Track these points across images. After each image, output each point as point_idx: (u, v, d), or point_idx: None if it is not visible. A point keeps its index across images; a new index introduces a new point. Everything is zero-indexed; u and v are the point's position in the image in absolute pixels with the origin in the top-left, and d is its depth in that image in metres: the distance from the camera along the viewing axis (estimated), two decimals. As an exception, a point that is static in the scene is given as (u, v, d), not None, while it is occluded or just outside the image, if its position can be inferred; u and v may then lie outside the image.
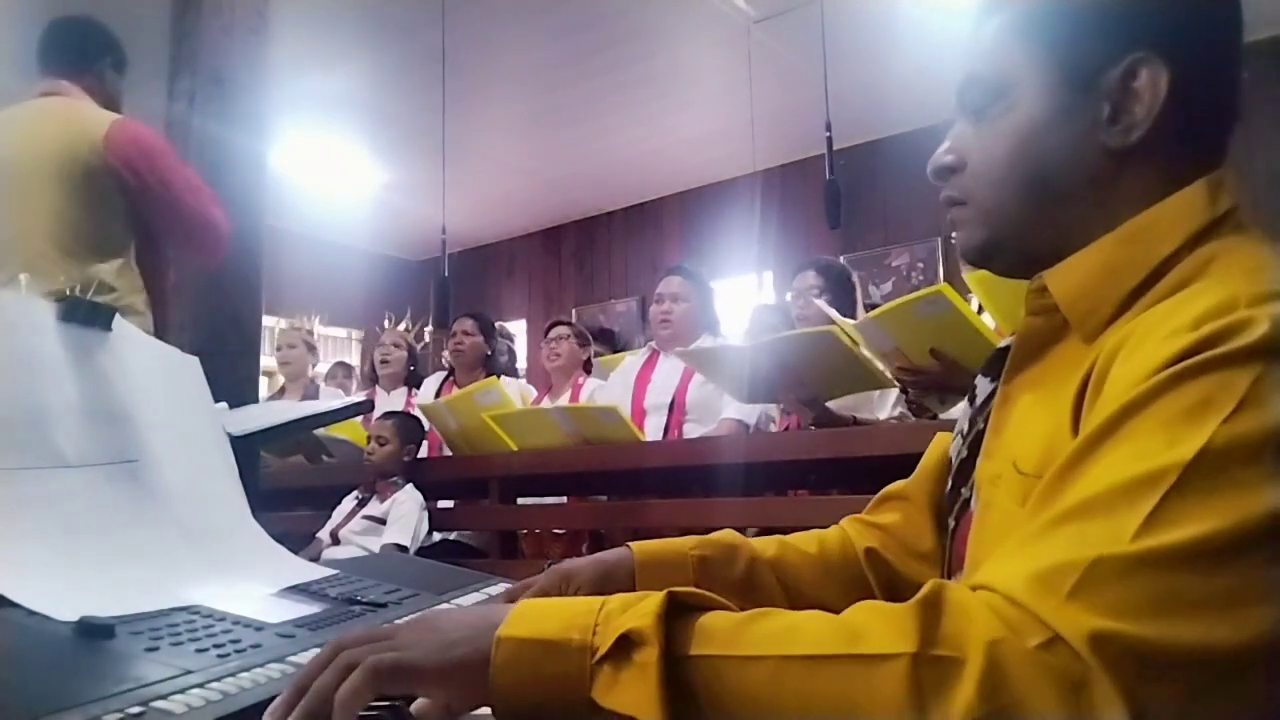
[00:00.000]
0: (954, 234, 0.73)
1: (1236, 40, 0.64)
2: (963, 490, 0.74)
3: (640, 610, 0.49)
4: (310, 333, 3.91)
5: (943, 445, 0.86)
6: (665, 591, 0.50)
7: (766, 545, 0.85)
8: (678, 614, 0.50)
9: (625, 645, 0.48)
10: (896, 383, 2.18)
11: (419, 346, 3.95)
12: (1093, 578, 0.44)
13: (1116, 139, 0.62)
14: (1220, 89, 0.64)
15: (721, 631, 0.49)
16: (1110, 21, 0.62)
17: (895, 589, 0.84)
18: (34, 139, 2.05)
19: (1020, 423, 0.66)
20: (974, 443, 0.74)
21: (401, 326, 3.90)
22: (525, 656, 0.50)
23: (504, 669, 0.50)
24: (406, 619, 0.55)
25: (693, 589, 0.52)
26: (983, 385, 0.77)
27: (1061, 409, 0.59)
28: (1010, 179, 0.66)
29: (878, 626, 0.46)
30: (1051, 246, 0.66)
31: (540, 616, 0.52)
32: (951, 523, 0.76)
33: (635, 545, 0.82)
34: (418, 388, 3.62)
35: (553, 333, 3.37)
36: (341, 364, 5.19)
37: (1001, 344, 0.78)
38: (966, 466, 0.75)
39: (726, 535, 0.85)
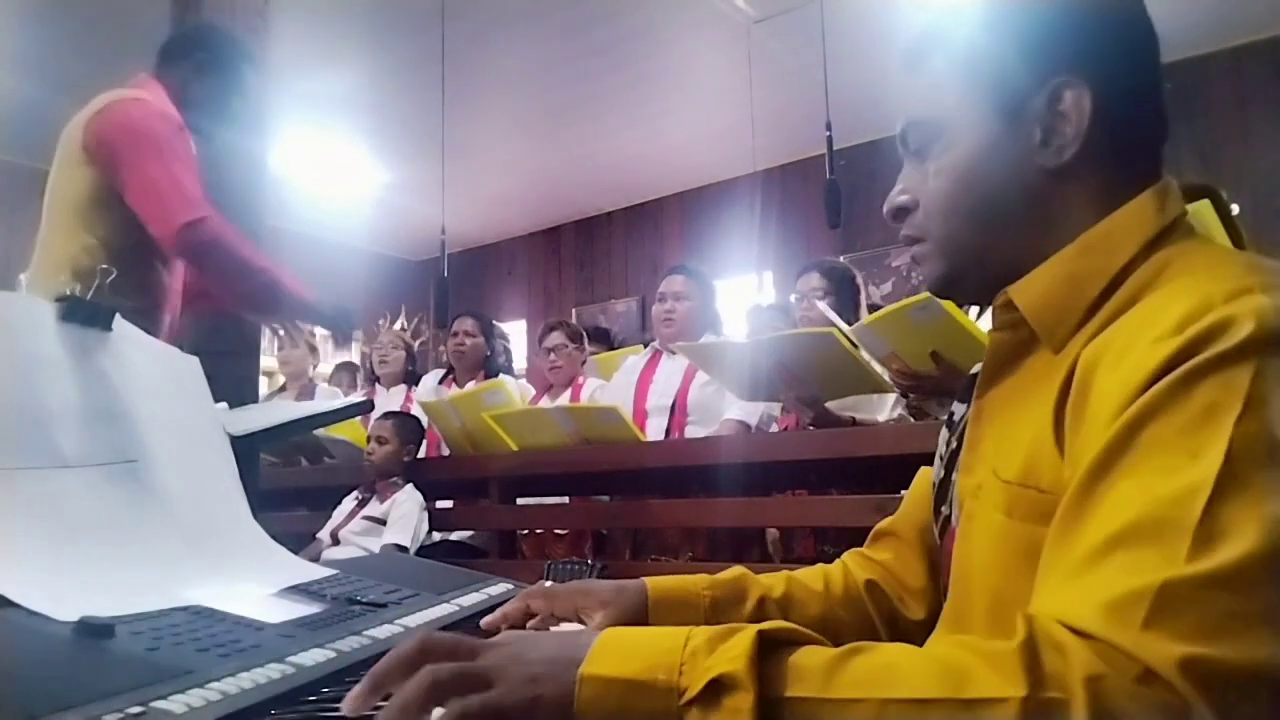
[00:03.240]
0: (916, 275, 0.74)
1: (1153, 56, 0.67)
2: (943, 509, 0.76)
3: (731, 652, 0.48)
4: (312, 333, 3.91)
5: (925, 479, 0.88)
6: (755, 630, 0.49)
7: (775, 583, 0.87)
8: (768, 652, 0.49)
9: (716, 689, 0.47)
10: (895, 387, 2.18)
11: (416, 345, 3.95)
12: (1163, 604, 0.45)
13: (1051, 159, 0.65)
14: (1143, 102, 0.66)
15: (815, 671, 0.48)
16: (1031, 51, 0.65)
17: (894, 622, 0.86)
18: (66, 130, 2.09)
19: (998, 433, 0.68)
20: (950, 462, 0.76)
21: (398, 325, 3.90)
22: (610, 696, 0.49)
23: (589, 707, 0.49)
24: (498, 638, 0.54)
25: (783, 624, 0.51)
26: (959, 410, 0.79)
27: (1040, 418, 0.60)
28: (959, 210, 0.69)
29: (982, 668, 0.46)
30: (1008, 269, 0.68)
31: (624, 652, 0.51)
32: (937, 540, 0.78)
33: (650, 581, 0.84)
34: (416, 386, 3.62)
35: (549, 340, 3.23)
36: (346, 365, 5.18)
37: (974, 369, 0.80)
38: (945, 486, 0.76)
39: (736, 575, 0.86)
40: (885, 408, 2.39)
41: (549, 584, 0.84)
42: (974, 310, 2.25)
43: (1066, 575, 0.50)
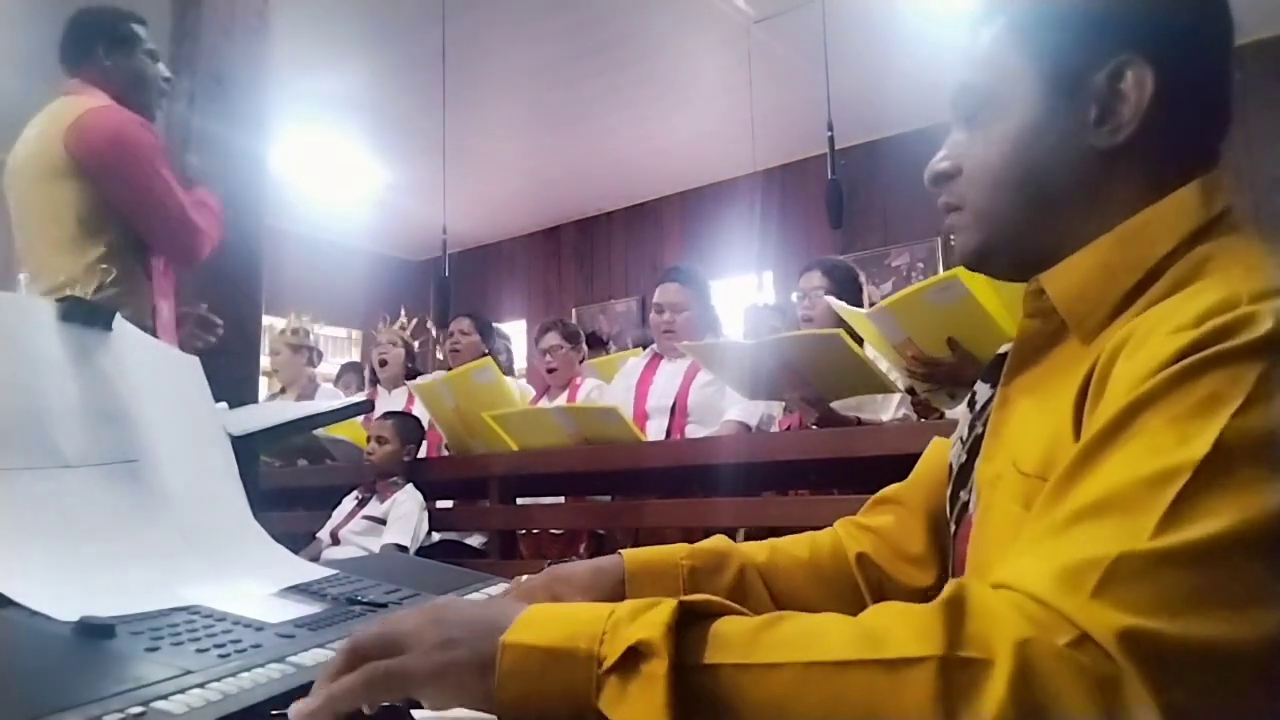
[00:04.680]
0: (952, 238, 0.73)
1: (1225, 43, 0.65)
2: (962, 494, 0.75)
3: (649, 620, 0.48)
4: (298, 332, 3.91)
5: (939, 450, 0.86)
6: (676, 600, 0.49)
7: (757, 551, 0.85)
8: (690, 622, 0.49)
9: (634, 656, 0.47)
10: (900, 385, 2.18)
11: (416, 343, 3.95)
12: (1116, 575, 0.44)
13: (1104, 140, 0.63)
14: (1208, 91, 0.64)
15: (736, 638, 0.48)
16: (1096, 25, 0.63)
17: (885, 593, 0.84)
18: (27, 142, 2.10)
19: (1020, 424, 0.67)
20: (973, 447, 0.74)
21: (398, 324, 3.90)
22: (530, 664, 0.49)
23: (509, 676, 0.49)
24: (426, 602, 0.54)
25: (706, 596, 0.51)
26: (982, 391, 0.78)
27: (1062, 410, 0.59)
28: (1003, 182, 0.67)
29: (901, 629, 0.46)
30: (1046, 249, 0.66)
31: (546, 623, 0.51)
32: (952, 526, 0.76)
33: (627, 553, 0.82)
34: (418, 386, 3.62)
35: (544, 341, 3.22)
36: (353, 365, 5.18)
37: (1000, 350, 0.79)
38: (965, 470, 0.75)
39: (717, 543, 0.84)
40: (890, 408, 2.39)
41: (525, 578, 0.81)
42: None
43: (1031, 543, 0.50)
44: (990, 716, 0.42)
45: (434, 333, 4.92)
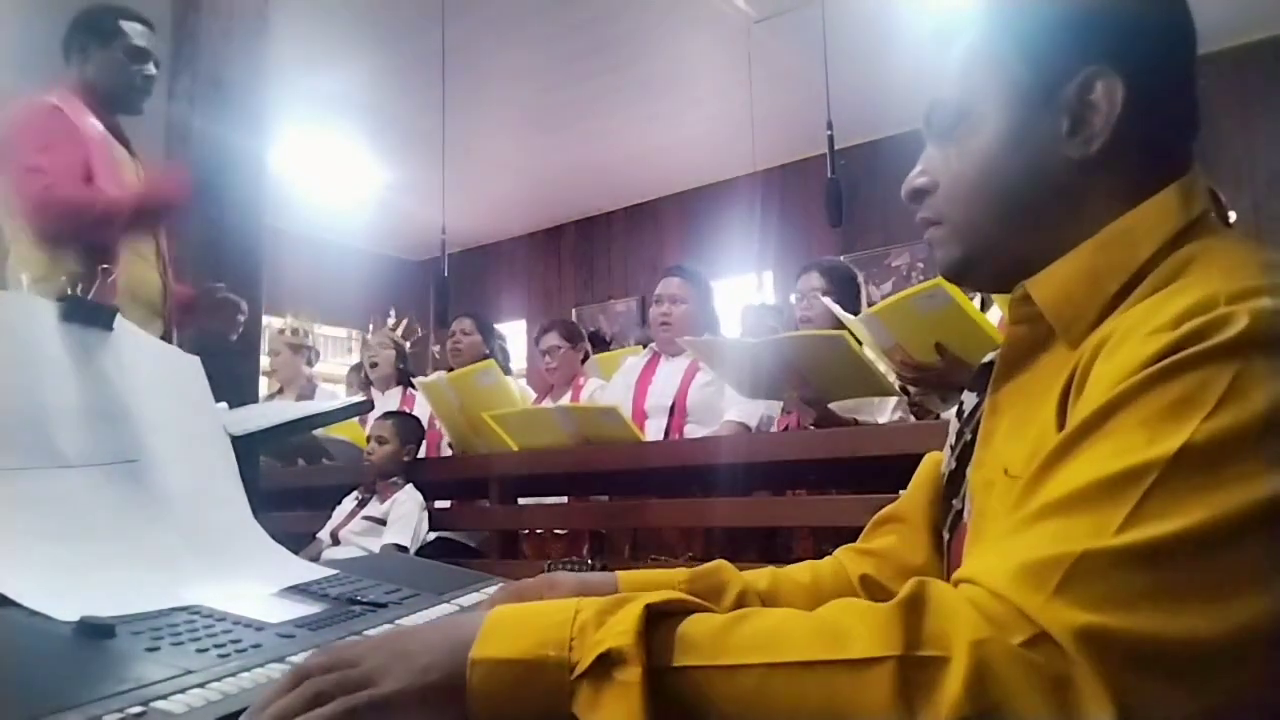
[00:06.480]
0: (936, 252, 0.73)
1: (1189, 51, 0.66)
2: (954, 501, 0.75)
3: (619, 627, 0.49)
4: (297, 332, 3.92)
5: (933, 464, 0.87)
6: (643, 604, 0.50)
7: (759, 577, 0.84)
8: (657, 623, 0.50)
9: (606, 663, 0.48)
10: (898, 387, 2.18)
11: (408, 345, 3.96)
12: (1079, 572, 0.45)
13: (1078, 150, 0.64)
14: (1176, 98, 0.65)
15: (704, 639, 0.49)
16: (1065, 38, 0.64)
17: None
18: None
19: (1010, 429, 0.67)
20: (962, 454, 0.75)
21: (388, 326, 3.91)
22: (502, 677, 0.49)
23: (481, 692, 0.49)
24: (372, 637, 0.53)
25: (670, 594, 0.52)
26: (969, 399, 0.78)
27: (1047, 412, 0.60)
28: (979, 196, 0.68)
29: (861, 628, 0.47)
30: (1025, 259, 0.67)
31: (512, 632, 0.51)
32: (946, 535, 0.77)
33: (623, 574, 0.81)
34: (412, 387, 3.62)
35: (544, 342, 3.21)
36: (359, 366, 5.19)
37: (986, 359, 0.79)
38: (956, 478, 0.75)
39: (717, 567, 0.83)
40: (886, 410, 2.39)
41: (515, 583, 0.81)
42: (976, 300, 2.25)
43: (999, 538, 0.51)
44: (947, 714, 0.43)
45: (420, 333, 4.93)
